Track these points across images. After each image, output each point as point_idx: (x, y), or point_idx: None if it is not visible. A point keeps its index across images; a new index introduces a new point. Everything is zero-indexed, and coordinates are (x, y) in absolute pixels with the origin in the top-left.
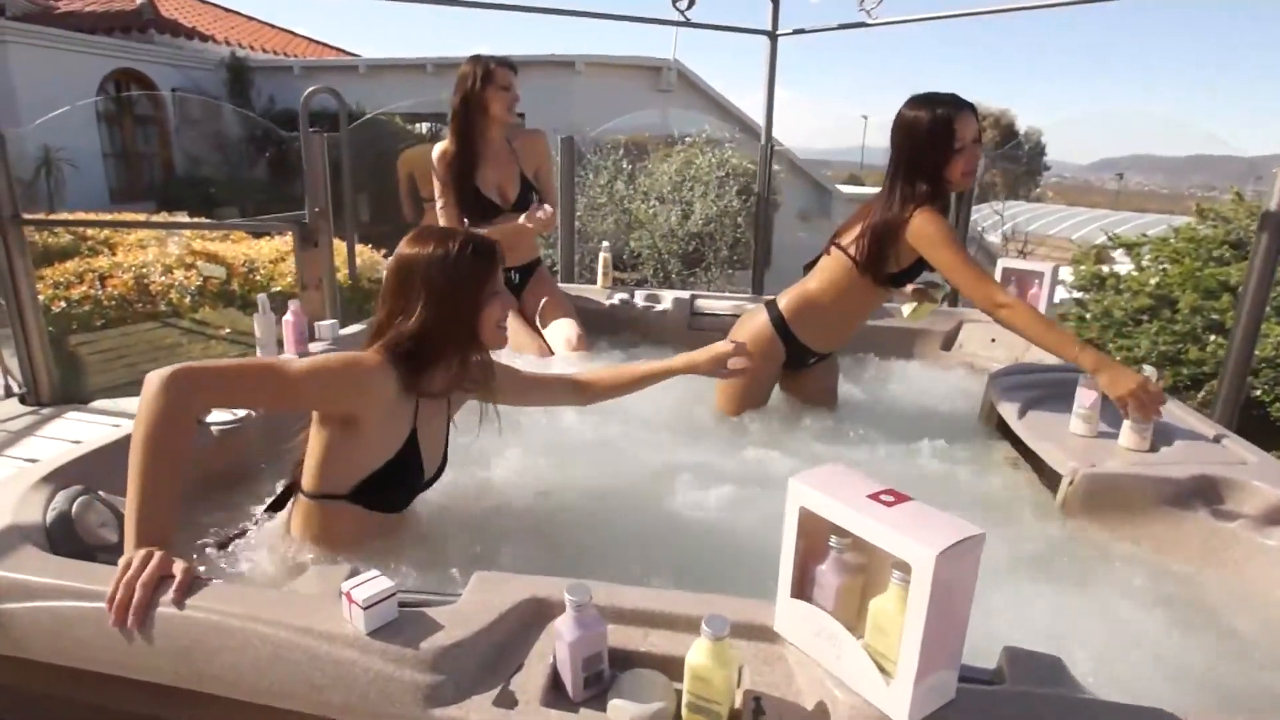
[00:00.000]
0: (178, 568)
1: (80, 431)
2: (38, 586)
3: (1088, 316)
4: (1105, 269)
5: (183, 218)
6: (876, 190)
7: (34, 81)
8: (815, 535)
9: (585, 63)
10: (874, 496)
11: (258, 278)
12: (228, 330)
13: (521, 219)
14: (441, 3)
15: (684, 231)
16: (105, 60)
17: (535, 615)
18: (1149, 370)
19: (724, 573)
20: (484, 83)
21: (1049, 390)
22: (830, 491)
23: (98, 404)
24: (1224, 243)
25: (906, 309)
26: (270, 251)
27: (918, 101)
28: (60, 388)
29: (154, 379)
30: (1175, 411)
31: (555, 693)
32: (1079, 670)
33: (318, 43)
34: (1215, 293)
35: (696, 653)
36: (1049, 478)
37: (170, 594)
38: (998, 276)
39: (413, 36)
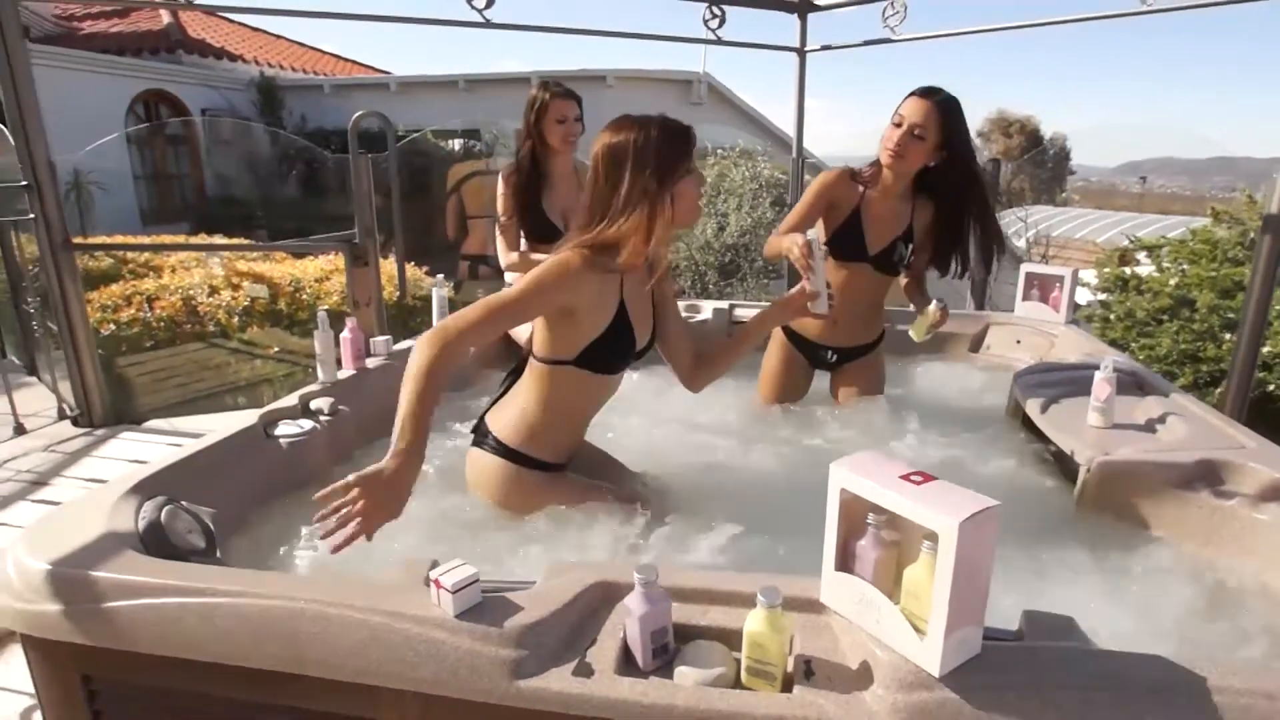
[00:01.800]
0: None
1: (136, 451)
2: (143, 586)
3: (1112, 317)
4: (1128, 271)
5: (219, 238)
6: None
7: (61, 104)
8: (854, 515)
9: (616, 76)
10: (905, 477)
11: (304, 296)
12: (276, 349)
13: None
14: (480, 26)
15: (720, 243)
16: (133, 81)
17: (603, 597)
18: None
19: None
20: (541, 114)
21: (1070, 386)
22: (866, 474)
23: (151, 424)
24: (1238, 244)
25: (912, 330)
26: (315, 270)
27: None
28: (112, 409)
29: (422, 338)
30: (1180, 401)
31: (626, 664)
32: (1092, 631)
33: (347, 60)
34: (1230, 292)
35: (754, 621)
36: (1068, 466)
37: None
38: (1020, 282)
39: (442, 52)
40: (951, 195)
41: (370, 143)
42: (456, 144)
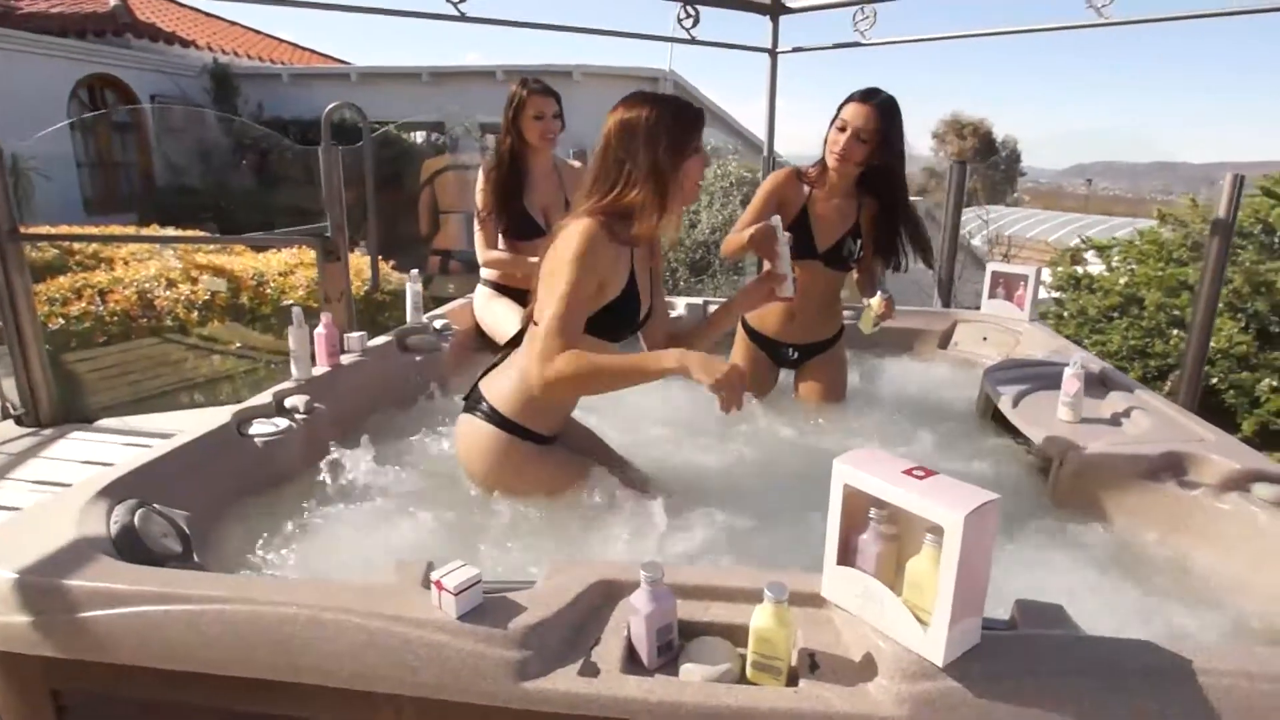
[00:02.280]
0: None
1: (86, 452)
2: (122, 593)
3: (1065, 315)
4: (1080, 270)
5: (172, 230)
6: None
7: None
8: (855, 510)
9: (583, 72)
10: (907, 472)
11: (268, 291)
12: (238, 345)
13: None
14: (455, 19)
15: (691, 240)
16: (77, 64)
17: (606, 595)
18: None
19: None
20: (519, 110)
21: (1039, 382)
22: (870, 470)
23: (103, 423)
24: (1182, 245)
25: (860, 323)
26: (279, 264)
27: None
28: (60, 407)
29: (559, 361)
30: (1142, 396)
31: (631, 662)
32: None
33: (305, 49)
34: (1176, 291)
35: (760, 616)
36: (1040, 460)
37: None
38: (986, 280)
39: (404, 44)
40: (889, 196)
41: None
42: (420, 137)
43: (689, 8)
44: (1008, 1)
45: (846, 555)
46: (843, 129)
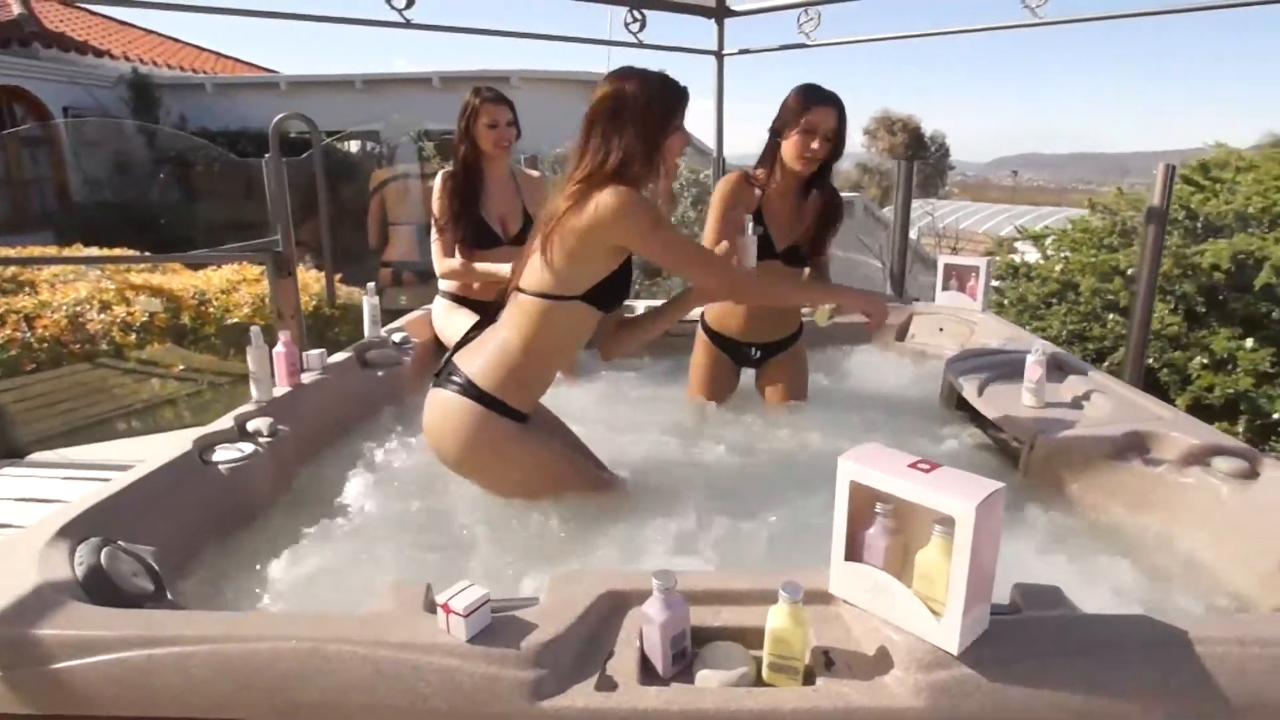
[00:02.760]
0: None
1: (22, 488)
2: (100, 640)
3: (1005, 303)
4: (1017, 259)
5: (94, 249)
6: None
7: None
8: (859, 505)
9: (521, 77)
10: (912, 466)
11: (211, 309)
12: (180, 367)
13: None
14: (401, 27)
15: None
16: None
17: (614, 606)
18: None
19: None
20: (473, 119)
21: (999, 369)
22: (876, 465)
23: (36, 456)
24: (1113, 232)
25: (815, 316)
26: (221, 281)
27: (795, 89)
28: None
29: (744, 287)
30: (1099, 379)
31: (646, 672)
32: None
33: (228, 58)
34: (1109, 276)
35: (776, 616)
36: (1007, 444)
37: None
38: (939, 272)
39: (331, 50)
40: (830, 184)
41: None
42: (355, 146)
43: (635, 12)
44: (938, 2)
45: (853, 551)
46: (811, 132)
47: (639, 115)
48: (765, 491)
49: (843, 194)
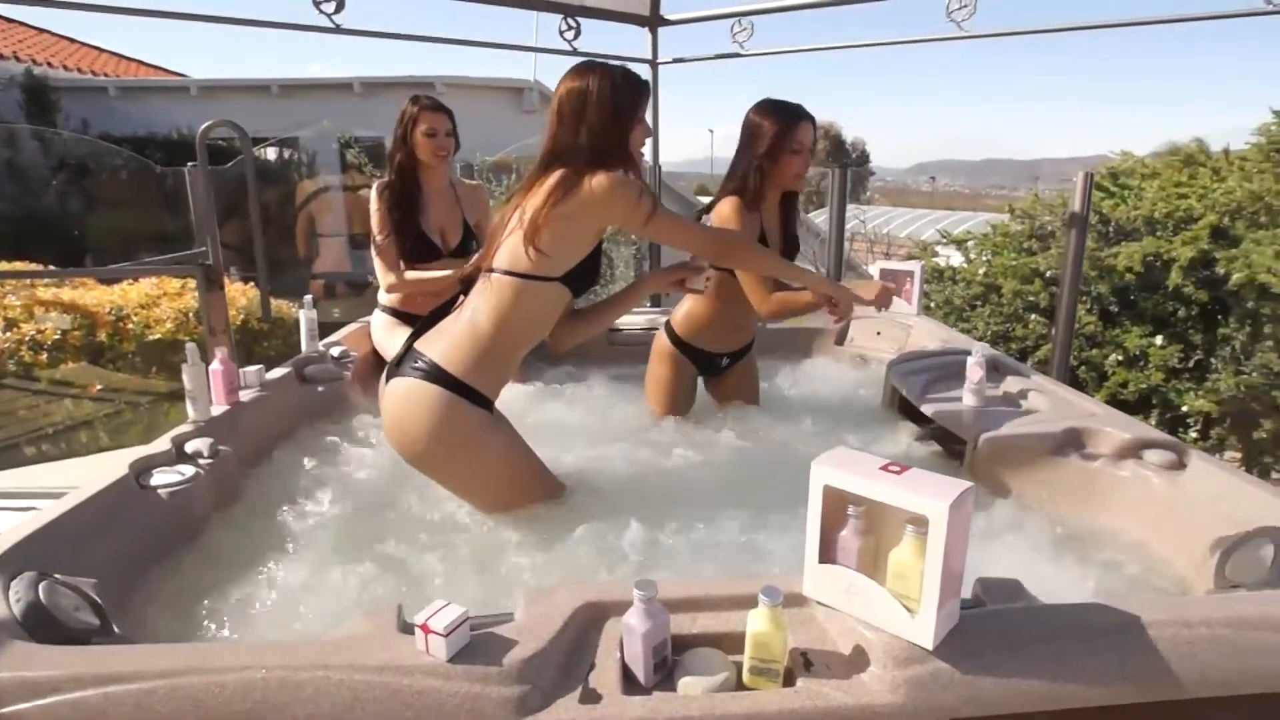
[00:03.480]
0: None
1: None
2: (51, 681)
3: (932, 305)
4: (941, 263)
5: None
6: None
7: None
8: (832, 509)
9: (445, 83)
10: (884, 469)
11: (130, 326)
12: (99, 387)
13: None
14: (330, 31)
15: None
16: None
17: (591, 618)
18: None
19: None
20: (411, 128)
21: (940, 371)
22: (848, 469)
23: None
24: (1031, 236)
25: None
26: (139, 296)
27: (765, 107)
28: None
29: (736, 249)
30: (1034, 379)
31: (628, 682)
32: None
33: (133, 60)
34: (1029, 278)
35: (757, 620)
36: (953, 445)
37: None
38: (875, 278)
39: (249, 55)
40: (792, 191)
41: (169, 150)
42: (272, 153)
43: (570, 19)
44: (863, 14)
45: (826, 553)
46: (800, 151)
47: (605, 107)
48: (721, 497)
49: None
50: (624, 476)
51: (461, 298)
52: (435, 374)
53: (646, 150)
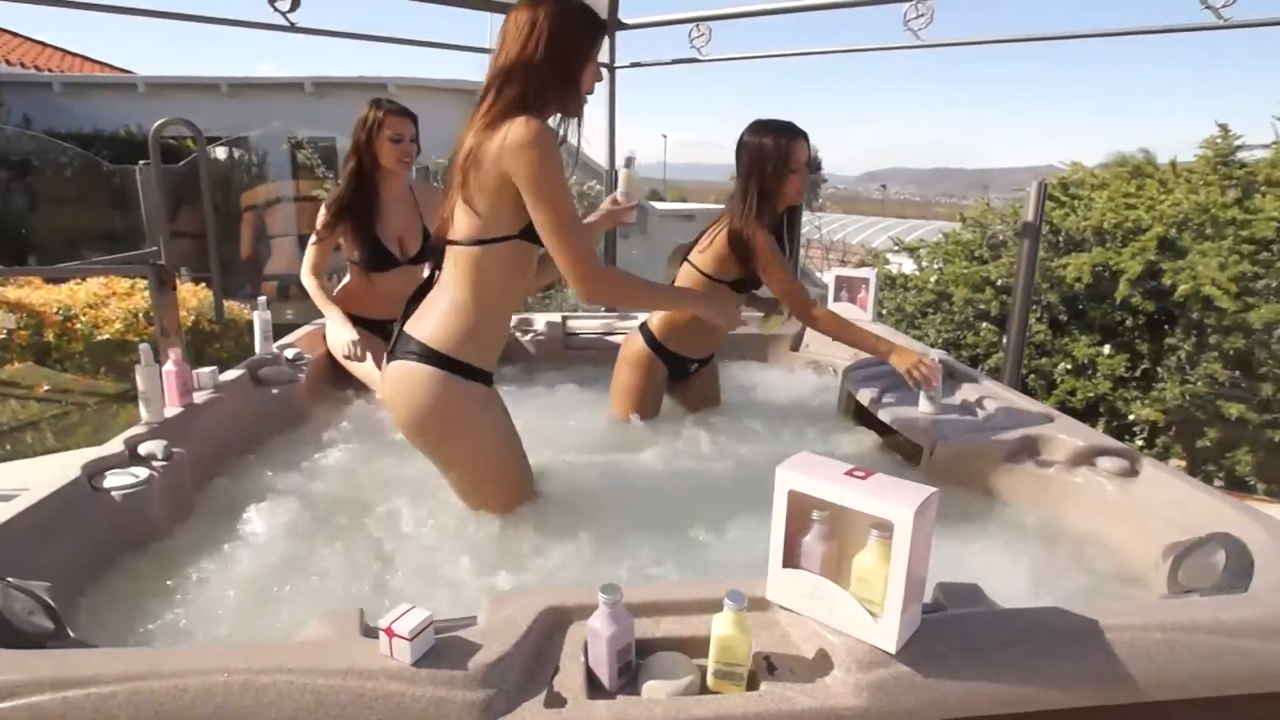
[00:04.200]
0: None
1: None
2: (4, 685)
3: (884, 312)
4: (892, 270)
5: None
6: (685, 206)
7: None
8: (796, 514)
9: (397, 85)
10: (849, 474)
11: (78, 326)
12: (46, 388)
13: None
14: (285, 30)
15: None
16: None
17: (554, 623)
18: (935, 353)
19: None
20: (375, 132)
21: (896, 378)
22: (814, 474)
23: None
24: (982, 244)
25: (761, 323)
26: (87, 296)
27: (762, 127)
28: None
29: (596, 282)
30: (988, 385)
31: (592, 686)
32: None
33: (79, 56)
34: (980, 287)
35: (722, 624)
36: (906, 450)
37: None
38: (830, 285)
39: (197, 53)
40: (794, 211)
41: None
42: (222, 153)
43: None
44: (820, 22)
45: (790, 557)
46: (800, 170)
47: (556, 39)
48: (682, 501)
49: (720, 206)
50: (586, 481)
51: (437, 273)
52: (425, 354)
53: (601, 155)
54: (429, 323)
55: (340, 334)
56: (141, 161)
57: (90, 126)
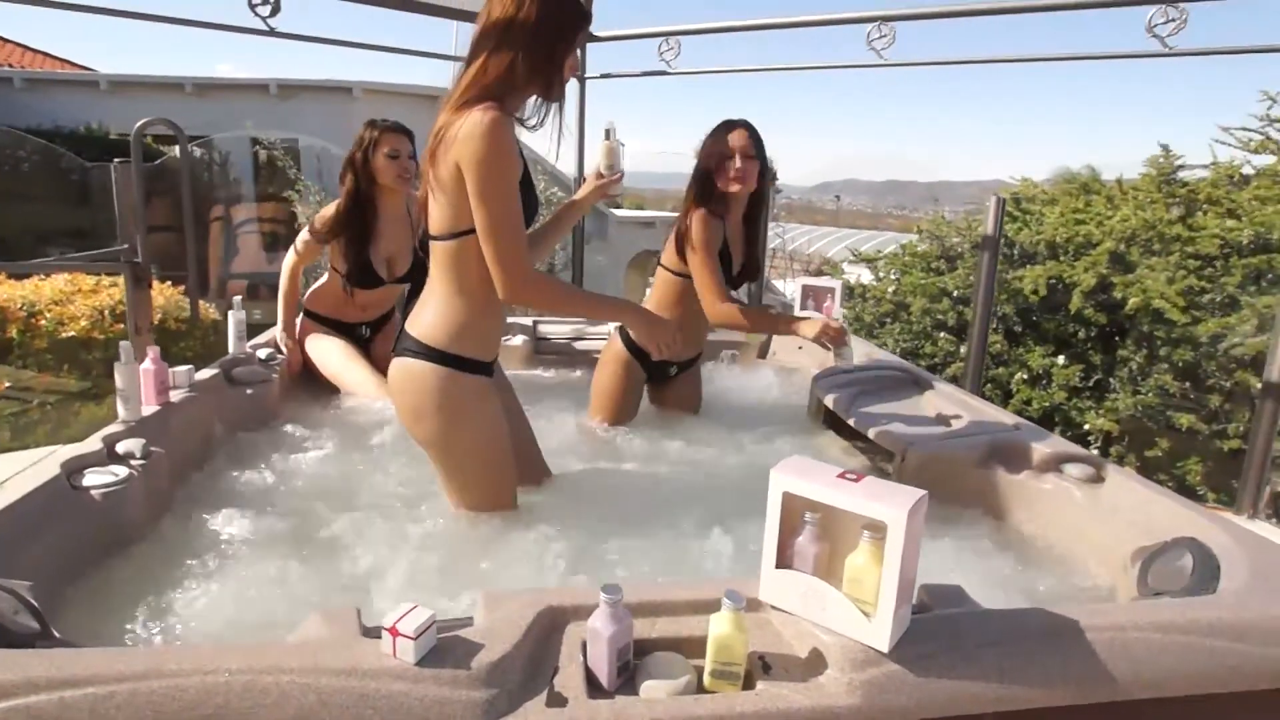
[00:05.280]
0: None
1: None
2: (3, 685)
3: (844, 322)
4: (851, 279)
5: None
6: (644, 213)
7: None
8: (789, 516)
9: (364, 89)
10: (841, 476)
11: (42, 323)
12: (6, 385)
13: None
14: (264, 34)
15: None
16: None
17: (552, 623)
18: (837, 312)
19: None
20: (373, 150)
21: (866, 385)
22: (807, 477)
23: None
24: (939, 256)
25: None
26: (52, 293)
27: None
28: None
29: (531, 286)
30: (955, 394)
31: (591, 686)
32: None
33: (38, 52)
34: (938, 297)
35: (720, 624)
36: (875, 456)
37: None
38: (797, 293)
39: (156, 53)
40: (754, 210)
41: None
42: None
43: None
44: (783, 37)
45: (782, 558)
46: (731, 155)
47: (544, 19)
48: (662, 504)
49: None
50: (566, 483)
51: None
52: (423, 351)
53: (568, 164)
54: (423, 320)
55: (275, 330)
56: (117, 159)
57: (51, 123)
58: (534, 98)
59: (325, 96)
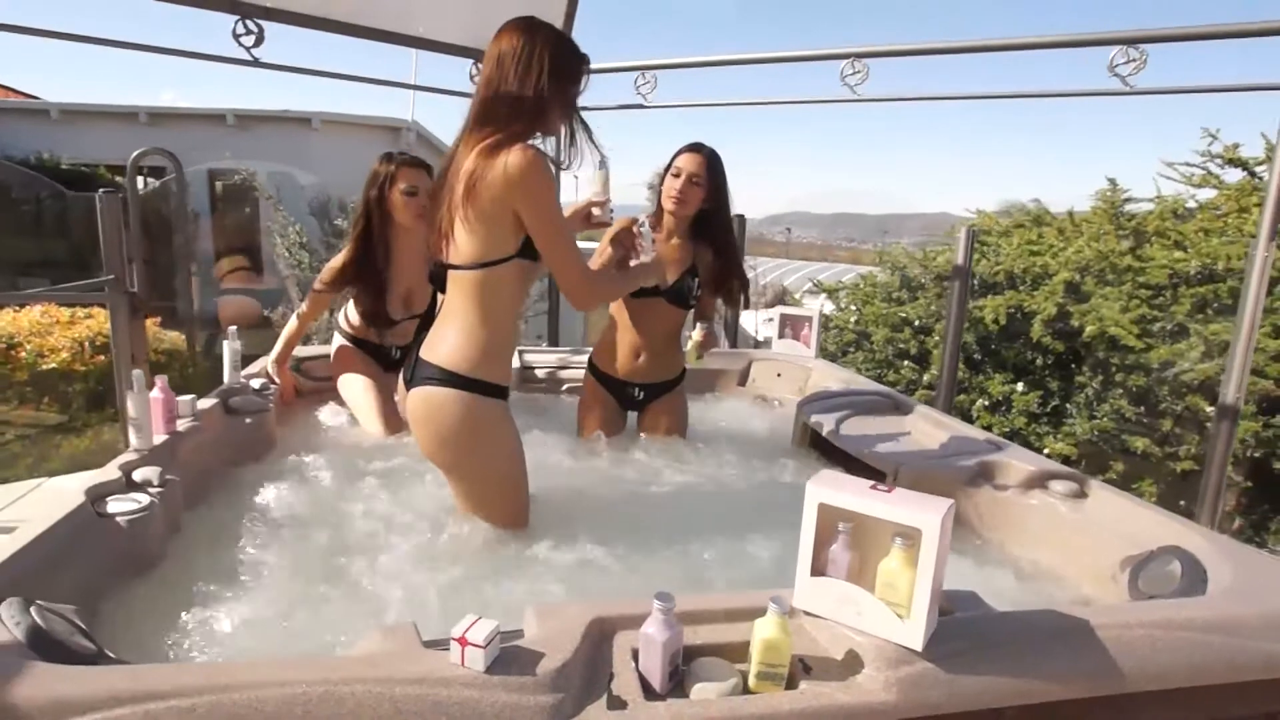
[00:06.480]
0: None
1: None
2: (87, 699)
3: None
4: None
5: None
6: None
7: None
8: (823, 526)
9: (322, 120)
10: (873, 488)
11: (22, 354)
12: None
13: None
14: (249, 65)
15: None
16: None
17: (603, 632)
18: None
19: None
20: (389, 186)
21: (851, 409)
22: (842, 489)
23: None
24: (901, 287)
25: (686, 356)
26: (30, 324)
27: None
28: None
29: (586, 291)
30: (936, 416)
31: (645, 690)
32: None
33: None
34: (899, 327)
35: (767, 628)
36: (868, 476)
37: None
38: (776, 322)
39: (99, 80)
40: (721, 238)
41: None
42: (140, 182)
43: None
44: (749, 73)
45: (818, 566)
46: (677, 175)
47: (557, 69)
48: (659, 523)
49: None
50: (559, 502)
51: (441, 296)
52: (445, 378)
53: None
54: (444, 348)
55: (267, 360)
56: (101, 190)
57: (0, 153)
58: (555, 136)
59: (284, 128)
